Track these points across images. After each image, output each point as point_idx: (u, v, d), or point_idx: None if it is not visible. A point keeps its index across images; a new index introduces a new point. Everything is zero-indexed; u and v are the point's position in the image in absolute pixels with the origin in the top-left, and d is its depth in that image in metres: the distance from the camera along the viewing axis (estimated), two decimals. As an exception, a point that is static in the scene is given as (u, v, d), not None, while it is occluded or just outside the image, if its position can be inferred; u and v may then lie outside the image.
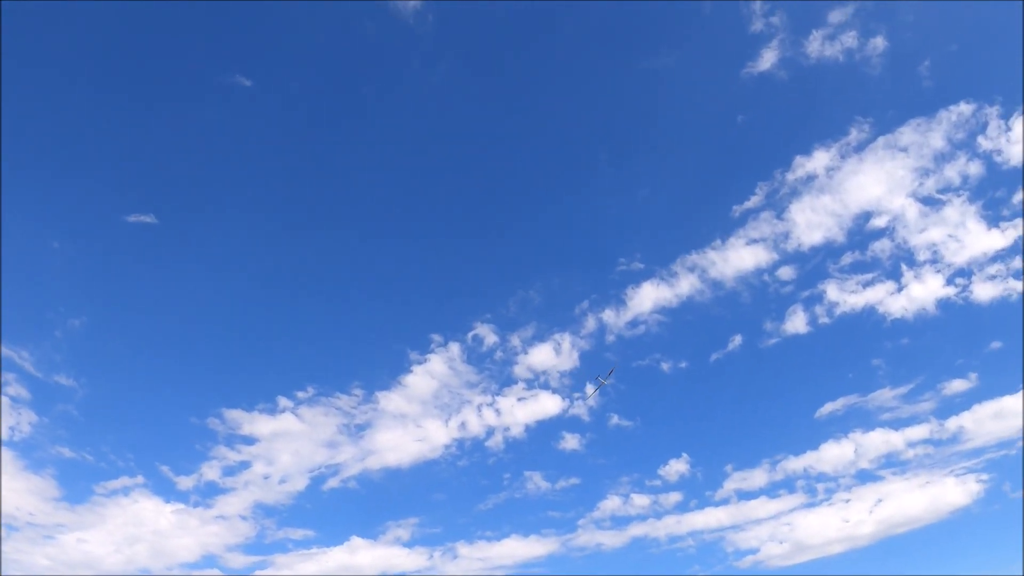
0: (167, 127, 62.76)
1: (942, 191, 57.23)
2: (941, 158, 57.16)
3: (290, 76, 63.57)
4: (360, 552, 57.22)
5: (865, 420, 57.24)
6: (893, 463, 55.94)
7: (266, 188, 66.42)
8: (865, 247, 58.19)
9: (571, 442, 59.85)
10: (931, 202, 57.36)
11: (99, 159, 62.11)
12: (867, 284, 57.99)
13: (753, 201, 59.86)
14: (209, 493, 57.90)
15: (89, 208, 61.49)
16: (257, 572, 56.57)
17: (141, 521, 56.11)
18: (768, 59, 59.33)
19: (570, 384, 60.81)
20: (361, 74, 64.15)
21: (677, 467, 58.51)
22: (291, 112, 64.81)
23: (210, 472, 57.98)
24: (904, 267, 57.78)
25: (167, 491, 57.42)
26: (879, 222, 57.99)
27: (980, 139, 56.48)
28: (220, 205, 65.20)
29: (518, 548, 57.82)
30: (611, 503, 58.60)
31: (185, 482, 57.79)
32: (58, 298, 58.55)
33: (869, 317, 57.88)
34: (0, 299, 51.89)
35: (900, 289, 57.46)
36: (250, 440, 58.64)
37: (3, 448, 53.96)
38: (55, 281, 59.10)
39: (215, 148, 64.25)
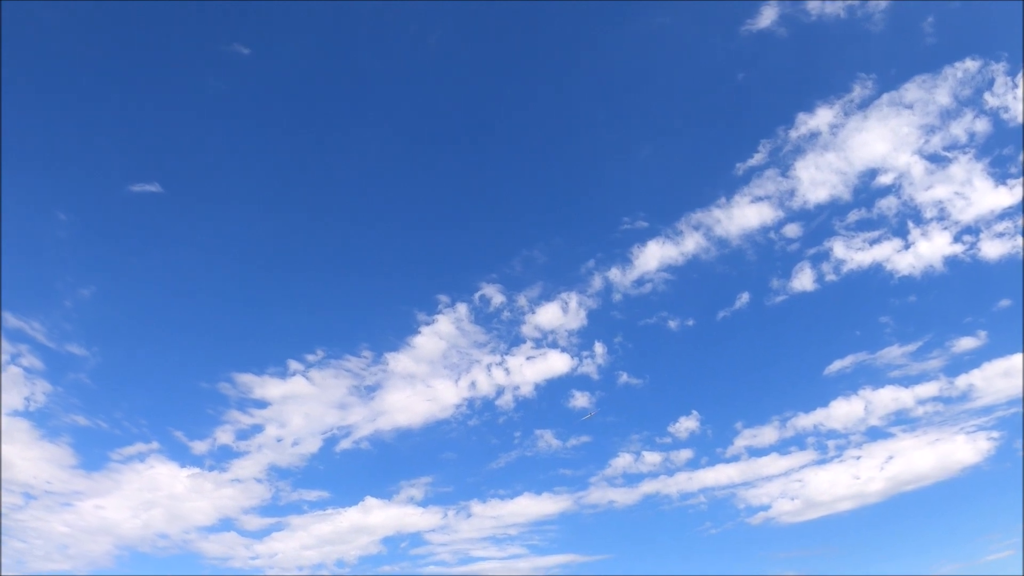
0: (167, 97, 63.27)
1: (948, 148, 57.26)
2: (947, 115, 57.16)
3: (288, 43, 63.98)
4: (374, 512, 57.90)
5: (874, 377, 57.48)
6: (903, 420, 56.19)
7: (269, 154, 66.99)
8: (871, 204, 58.31)
9: (581, 400, 60.30)
10: (937, 159, 57.41)
11: (101, 130, 62.74)
12: (874, 241, 58.13)
13: (757, 159, 60.04)
14: (223, 457, 58.60)
15: (93, 179, 62.14)
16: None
17: (157, 486, 56.87)
18: (768, 16, 59.33)
19: (578, 343, 61.23)
20: (357, 38, 64.48)
21: (687, 424, 58.91)
22: (291, 79, 65.27)
23: (223, 436, 58.66)
24: (911, 224, 57.90)
25: (182, 456, 58.14)
26: (885, 179, 58.11)
27: (986, 96, 56.30)
28: (224, 173, 65.82)
29: (531, 506, 58.39)
30: (622, 460, 59.06)
31: (199, 447, 58.49)
32: (66, 268, 59.21)
33: (876, 274, 58.08)
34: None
35: (907, 247, 57.59)
36: (262, 404, 59.28)
37: (21, 418, 54.82)
38: (63, 252, 59.76)
39: (217, 116, 64.84)
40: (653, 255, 60.55)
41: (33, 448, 55.24)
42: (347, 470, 60.63)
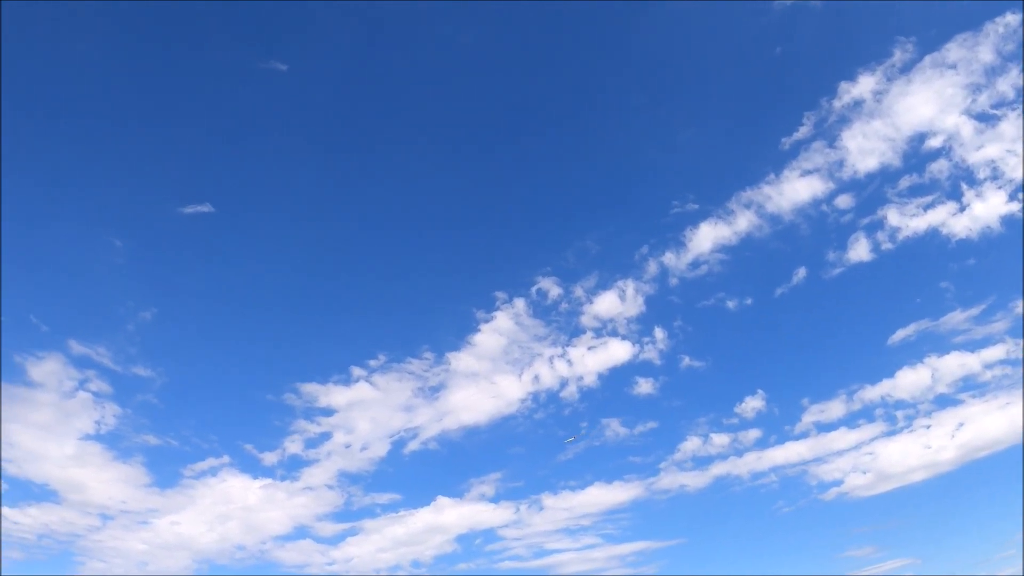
0: (210, 118, 64.45)
1: (996, 106, 56.41)
2: (992, 72, 56.34)
3: (324, 55, 65.01)
4: (446, 511, 58.12)
5: (939, 344, 56.68)
6: (971, 386, 55.32)
7: (315, 164, 67.86)
8: (922, 169, 57.68)
9: (645, 386, 60.21)
10: (986, 118, 56.61)
11: (148, 155, 63.98)
12: (928, 206, 57.47)
13: (802, 132, 59.72)
14: (294, 466, 59.22)
15: (145, 204, 63.30)
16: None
17: (230, 499, 57.56)
18: (800, -14, 59.26)
19: (638, 329, 61.23)
20: (393, 42, 65.14)
21: (753, 404, 58.54)
22: (330, 90, 66.25)
23: (292, 446, 59.30)
24: (964, 186, 57.11)
25: (253, 468, 58.84)
26: (934, 143, 57.44)
27: (1030, 49, 55.85)
28: (273, 186, 66.90)
29: (602, 495, 58.29)
30: (691, 444, 58.83)
31: (270, 457, 59.16)
32: (126, 293, 60.28)
33: (933, 240, 57.38)
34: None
35: (962, 209, 56.82)
36: (328, 411, 59.85)
37: (93, 442, 55.95)
38: (121, 277, 60.86)
39: (260, 132, 65.95)
40: (706, 236, 60.48)
41: (107, 470, 56.30)
42: (417, 471, 61.08)
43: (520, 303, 61.67)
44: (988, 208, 56.17)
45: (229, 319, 64.68)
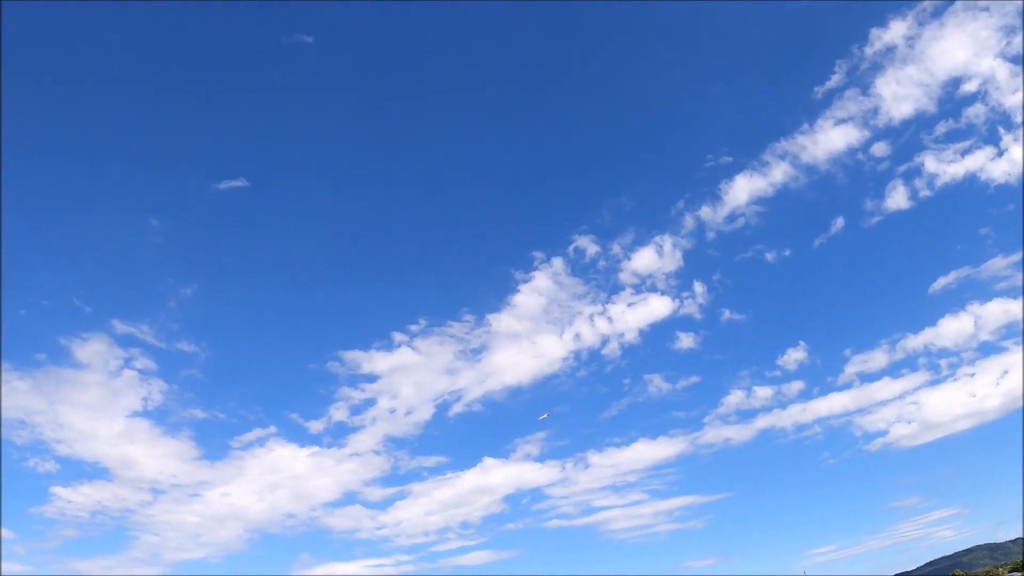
0: (240, 94, 65.41)
1: (1032, 48, 56.01)
2: (1027, 13, 55.88)
3: (350, 23, 65.46)
4: (493, 471, 58.92)
5: (981, 291, 56.86)
6: (1015, 332, 55.76)
7: (346, 134, 68.74)
8: (958, 114, 57.86)
9: (686, 341, 60.69)
10: (1021, 60, 56.22)
11: (180, 135, 65.03)
12: (965, 152, 57.68)
13: (834, 80, 60.07)
14: (340, 433, 60.16)
15: (180, 183, 64.38)
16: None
17: (279, 468, 58.66)
18: (827, -66, 58.71)
19: (677, 284, 61.45)
20: (422, 5, 65.35)
21: (795, 355, 58.87)
22: (358, 57, 66.77)
23: (338, 413, 60.19)
24: (1001, 130, 57.37)
25: (300, 437, 59.90)
26: (970, 87, 57.68)
27: (1066, -12, 55.15)
28: (304, 159, 67.89)
29: (647, 451, 58.83)
30: (734, 397, 59.27)
31: (316, 426, 60.11)
32: (166, 271, 61.53)
33: (971, 185, 57.53)
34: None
35: (1000, 154, 57.02)
36: (371, 378, 60.69)
37: (141, 419, 56.84)
38: (161, 256, 62.20)
39: (290, 104, 67.09)
40: (742, 189, 60.89)
41: (156, 445, 57.63)
42: (462, 433, 62.04)
43: (558, 262, 62.06)
44: (1026, 152, 55.70)
45: (269, 291, 66.01)
